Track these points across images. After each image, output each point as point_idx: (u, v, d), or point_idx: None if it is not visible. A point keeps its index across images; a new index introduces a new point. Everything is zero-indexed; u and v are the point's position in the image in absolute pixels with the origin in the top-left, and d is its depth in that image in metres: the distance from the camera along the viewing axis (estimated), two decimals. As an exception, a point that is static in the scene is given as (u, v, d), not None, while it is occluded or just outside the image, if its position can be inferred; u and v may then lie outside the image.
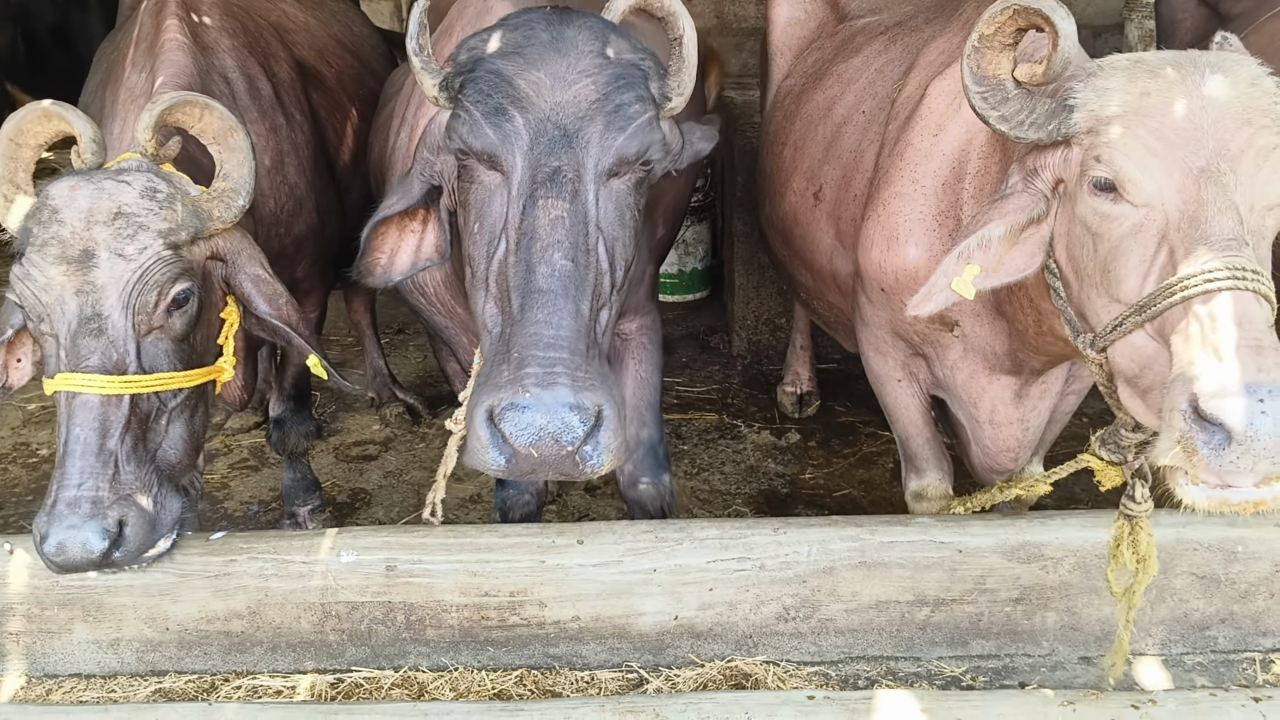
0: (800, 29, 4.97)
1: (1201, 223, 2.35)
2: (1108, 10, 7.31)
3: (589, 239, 2.62)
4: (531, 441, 2.36)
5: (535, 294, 2.49)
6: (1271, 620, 3.52)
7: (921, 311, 2.79)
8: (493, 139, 2.64)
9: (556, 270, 2.51)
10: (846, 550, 3.46)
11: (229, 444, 5.90)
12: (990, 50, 2.65)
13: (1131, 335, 2.46)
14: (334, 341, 7.21)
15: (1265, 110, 2.43)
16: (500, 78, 2.66)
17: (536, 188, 2.59)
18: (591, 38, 2.73)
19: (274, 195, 4.04)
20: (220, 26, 4.10)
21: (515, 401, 2.37)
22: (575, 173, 2.61)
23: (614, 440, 2.46)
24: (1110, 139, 2.48)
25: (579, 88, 2.65)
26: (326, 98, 4.83)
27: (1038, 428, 3.51)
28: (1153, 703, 2.97)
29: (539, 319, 2.46)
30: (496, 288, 2.66)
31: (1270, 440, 2.14)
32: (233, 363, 3.36)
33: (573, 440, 2.37)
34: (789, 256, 4.44)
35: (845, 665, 3.52)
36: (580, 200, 2.61)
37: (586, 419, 2.39)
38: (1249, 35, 4.26)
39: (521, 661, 3.51)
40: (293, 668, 3.51)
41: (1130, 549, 2.86)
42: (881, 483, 5.36)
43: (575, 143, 2.62)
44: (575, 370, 2.43)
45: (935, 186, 3.23)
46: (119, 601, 3.47)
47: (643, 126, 2.70)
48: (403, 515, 5.18)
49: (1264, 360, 2.19)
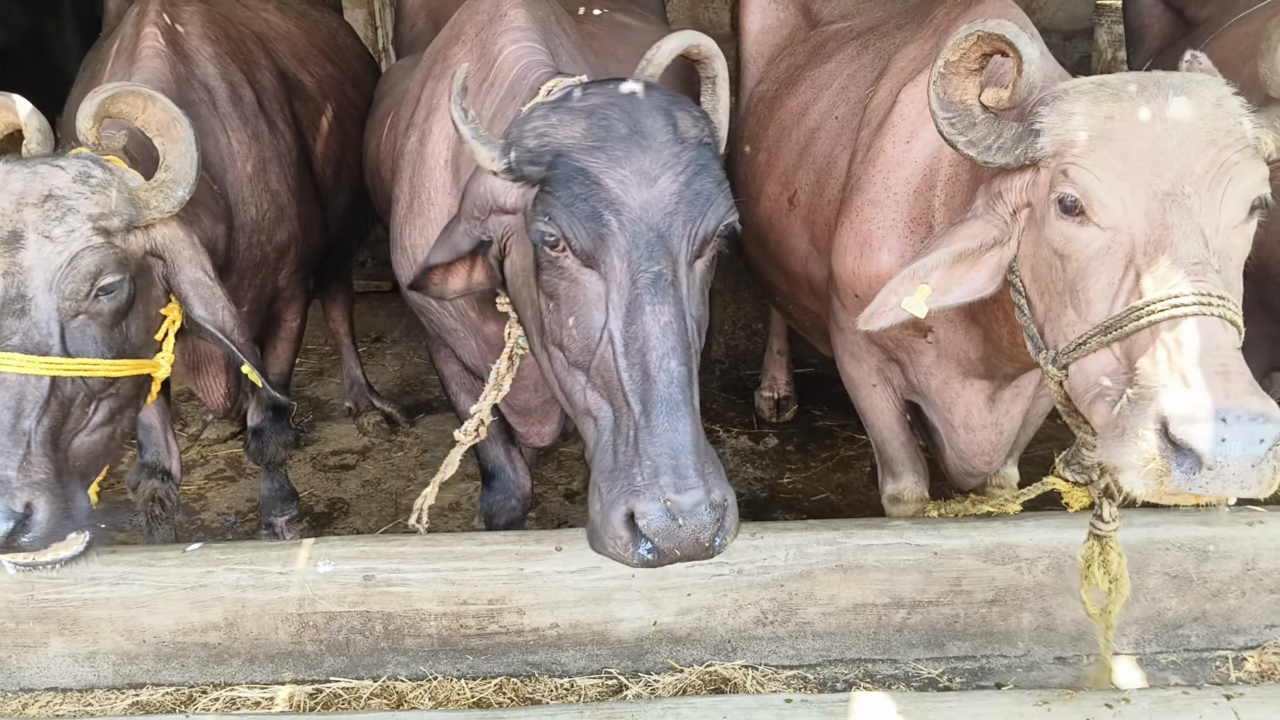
0: (773, 35, 4.99)
1: (1167, 246, 2.38)
2: (1078, 15, 7.37)
3: (689, 330, 2.69)
4: (675, 545, 2.48)
5: (659, 403, 2.57)
6: (1243, 618, 3.57)
7: (870, 327, 2.82)
8: (588, 242, 2.66)
9: (675, 378, 2.59)
10: (823, 554, 3.48)
11: (205, 454, 5.87)
12: (956, 76, 2.67)
13: (1097, 354, 2.50)
14: (311, 350, 7.18)
15: (1229, 131, 2.46)
16: (588, 178, 2.67)
17: (640, 293, 2.63)
18: (664, 120, 2.76)
19: (255, 202, 4.04)
20: (203, 34, 4.11)
21: (659, 510, 2.47)
22: (673, 273, 2.67)
23: (735, 522, 2.59)
24: (1075, 163, 2.52)
25: (664, 182, 2.69)
26: (309, 106, 4.83)
27: (1011, 431, 3.54)
28: (1126, 701, 3.00)
29: (665, 427, 2.54)
30: (600, 377, 2.71)
31: (1239, 465, 2.19)
32: (171, 359, 3.32)
33: (710, 536, 2.49)
34: (764, 262, 4.46)
35: (823, 668, 3.54)
36: (679, 297, 2.68)
37: (719, 514, 2.51)
38: (1214, 41, 4.31)
39: (501, 669, 3.52)
40: (271, 678, 3.50)
41: (1101, 569, 2.89)
42: (859, 486, 5.39)
43: (669, 242, 2.67)
44: (704, 470, 2.53)
45: (907, 193, 3.26)
46: (95, 614, 3.45)
47: (719, 205, 2.75)
48: (381, 524, 5.16)
49: (1232, 386, 2.23)
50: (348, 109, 5.15)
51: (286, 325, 4.58)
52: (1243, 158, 2.45)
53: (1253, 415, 2.19)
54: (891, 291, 2.78)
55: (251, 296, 4.19)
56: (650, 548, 2.50)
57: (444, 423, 6.20)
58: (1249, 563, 3.50)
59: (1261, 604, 3.54)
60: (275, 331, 4.58)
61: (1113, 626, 3.00)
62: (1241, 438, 2.18)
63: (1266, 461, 2.20)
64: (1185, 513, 3.56)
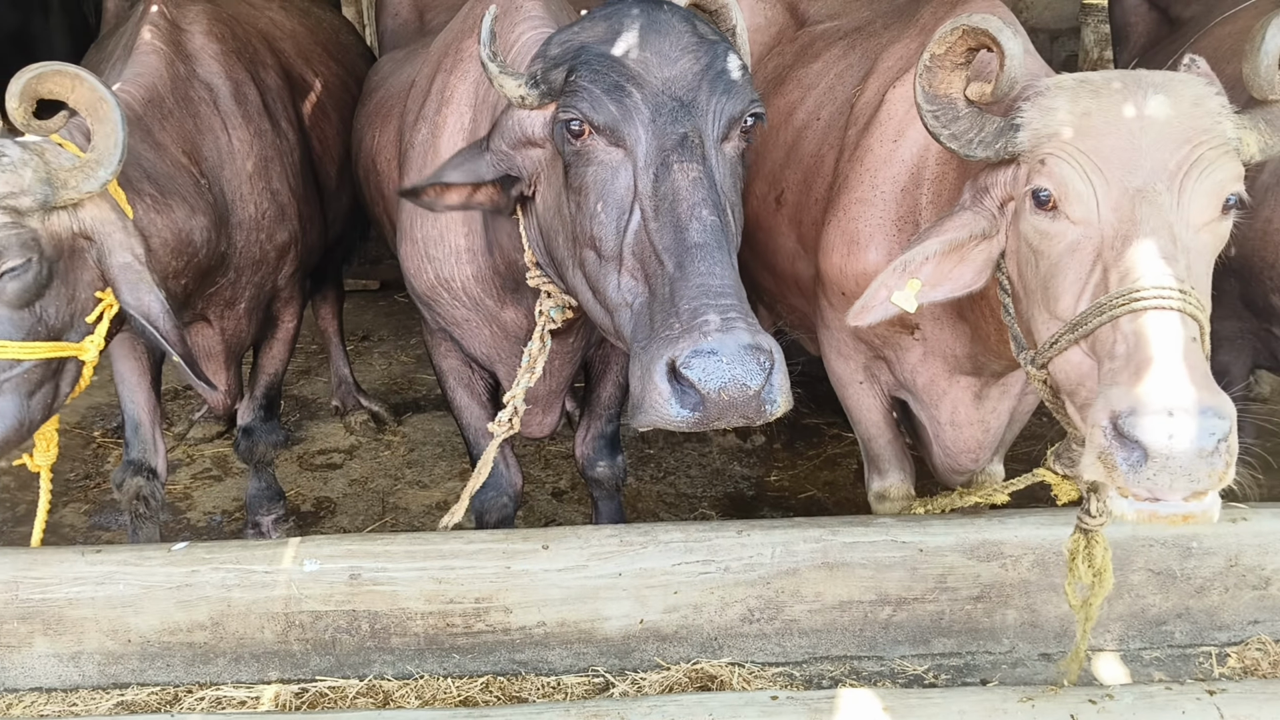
0: (761, 35, 4.99)
1: (1134, 241, 2.39)
2: (1065, 15, 7.41)
3: (721, 200, 2.72)
4: (721, 385, 2.39)
5: (693, 249, 2.56)
6: (1226, 614, 3.58)
7: (860, 322, 2.83)
8: (615, 113, 2.72)
9: (708, 225, 2.60)
10: (810, 551, 3.49)
11: (191, 454, 5.85)
12: (942, 70, 2.69)
13: (1068, 352, 2.51)
14: (298, 349, 7.14)
15: (1206, 130, 2.48)
16: (610, 59, 2.77)
17: (668, 154, 2.68)
18: (682, 19, 2.87)
19: (255, 200, 4.05)
20: (208, 33, 4.13)
21: (699, 348, 2.40)
22: (700, 138, 2.72)
23: (786, 382, 2.51)
24: (1054, 154, 2.53)
25: (684, 63, 2.78)
26: (313, 105, 4.84)
27: (998, 428, 3.55)
28: (1110, 697, 3.02)
29: (702, 270, 2.52)
30: (634, 259, 2.71)
31: (1186, 459, 2.19)
32: (100, 345, 3.27)
33: (758, 382, 2.41)
34: (751, 261, 4.45)
35: (809, 665, 3.55)
36: (709, 164, 2.72)
37: (766, 360, 2.45)
38: (1198, 40, 4.34)
39: (487, 668, 3.52)
40: (257, 678, 3.50)
41: (1086, 562, 2.89)
42: (845, 484, 5.40)
43: (694, 110, 2.74)
44: (746, 316, 2.49)
45: (894, 192, 3.27)
46: (80, 614, 3.44)
47: (744, 88, 2.83)
48: (368, 523, 5.16)
49: (1183, 380, 2.23)
50: (351, 107, 5.15)
51: (283, 326, 4.58)
52: (1218, 156, 2.46)
53: (1202, 409, 2.18)
54: (881, 285, 2.79)
55: (249, 295, 4.19)
56: (696, 400, 2.42)
57: (431, 422, 6.20)
58: (1232, 559, 3.52)
59: (1244, 600, 3.56)
60: (272, 332, 4.58)
61: (1092, 619, 3.01)
62: (1189, 431, 2.17)
63: (1218, 455, 2.19)
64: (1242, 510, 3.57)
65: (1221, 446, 2.19)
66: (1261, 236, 3.78)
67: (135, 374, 4.29)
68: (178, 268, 3.58)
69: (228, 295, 4.09)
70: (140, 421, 4.30)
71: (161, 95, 3.75)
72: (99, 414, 6.31)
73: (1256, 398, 5.99)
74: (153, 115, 3.69)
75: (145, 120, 3.64)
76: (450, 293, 3.74)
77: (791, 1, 4.99)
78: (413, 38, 5.25)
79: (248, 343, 4.38)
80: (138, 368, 4.28)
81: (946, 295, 2.81)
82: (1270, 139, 2.57)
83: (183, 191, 3.60)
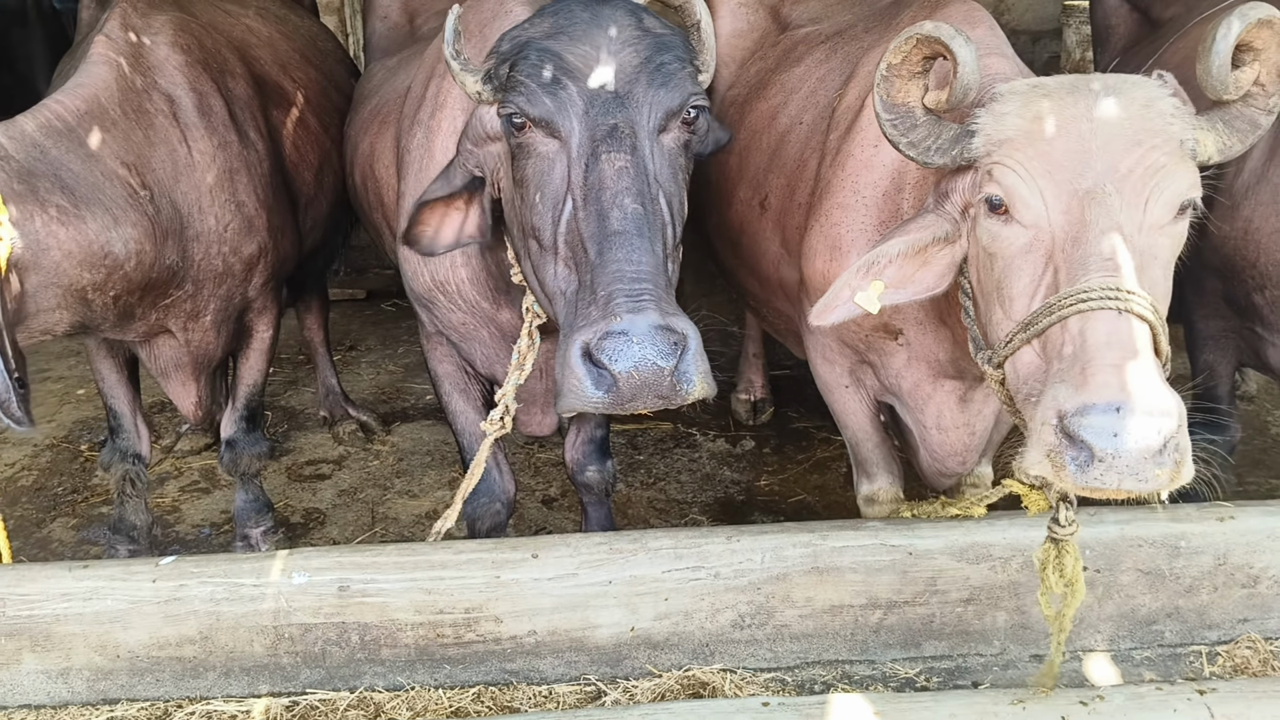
0: (744, 40, 5.01)
1: (1084, 243, 2.41)
2: (1046, 16, 7.45)
3: (652, 189, 2.77)
4: (633, 366, 2.46)
5: (613, 236, 2.62)
6: (1216, 613, 3.59)
7: (823, 322, 2.85)
8: (550, 106, 2.80)
9: (629, 213, 2.65)
10: (799, 556, 3.49)
11: (179, 466, 5.83)
12: (899, 79, 2.71)
13: (1020, 352, 2.53)
14: (285, 360, 7.15)
15: (1158, 131, 2.49)
16: (549, 53, 2.84)
17: (597, 145, 2.74)
18: (627, 13, 2.92)
19: (214, 212, 4.03)
20: (172, 44, 4.10)
21: (610, 329, 2.47)
22: (631, 129, 2.77)
23: (702, 364, 2.56)
24: (1001, 162, 2.55)
25: (624, 55, 2.84)
26: (289, 113, 4.82)
27: (984, 431, 3.56)
28: (1101, 699, 3.02)
29: (619, 257, 2.59)
30: (566, 248, 2.78)
31: (1131, 458, 2.19)
32: None
33: (669, 361, 2.46)
34: (737, 265, 4.47)
35: (801, 670, 3.55)
36: (639, 154, 2.77)
37: (678, 341, 2.50)
38: (1178, 41, 4.36)
39: (478, 678, 3.51)
40: (247, 691, 3.48)
41: (1057, 572, 2.88)
42: (835, 487, 5.41)
43: (627, 102, 2.80)
44: (660, 300, 2.55)
45: (876, 197, 3.28)
46: (68, 630, 3.42)
47: (683, 81, 2.88)
48: (358, 534, 5.14)
49: (1129, 379, 2.24)
50: (330, 114, 5.13)
51: (259, 336, 4.56)
52: (1171, 159, 2.47)
53: (1147, 408, 2.19)
54: (845, 285, 2.81)
55: (215, 307, 4.17)
56: (610, 383, 2.48)
57: (420, 431, 6.19)
58: (1220, 558, 3.53)
59: (1233, 599, 3.57)
60: (247, 343, 4.56)
61: (1066, 630, 2.99)
62: (1134, 430, 2.18)
63: (1165, 454, 2.20)
64: (1156, 509, 3.59)
65: (1170, 445, 2.20)
66: (1243, 236, 3.80)
67: (113, 370, 4.50)
68: (95, 280, 3.54)
69: (188, 308, 4.08)
70: (122, 413, 4.54)
71: (104, 106, 3.72)
72: (85, 428, 6.28)
73: (1243, 396, 6.02)
74: (88, 126, 3.65)
75: (78, 131, 3.61)
76: (447, 295, 3.77)
77: (774, 6, 5.01)
78: (403, 42, 5.25)
79: (219, 354, 4.37)
80: (114, 364, 4.50)
81: (910, 297, 2.84)
82: (1228, 140, 2.58)
83: (106, 203, 3.56)
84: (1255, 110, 2.61)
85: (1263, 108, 2.61)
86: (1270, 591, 3.56)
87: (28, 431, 3.42)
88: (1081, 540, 3.43)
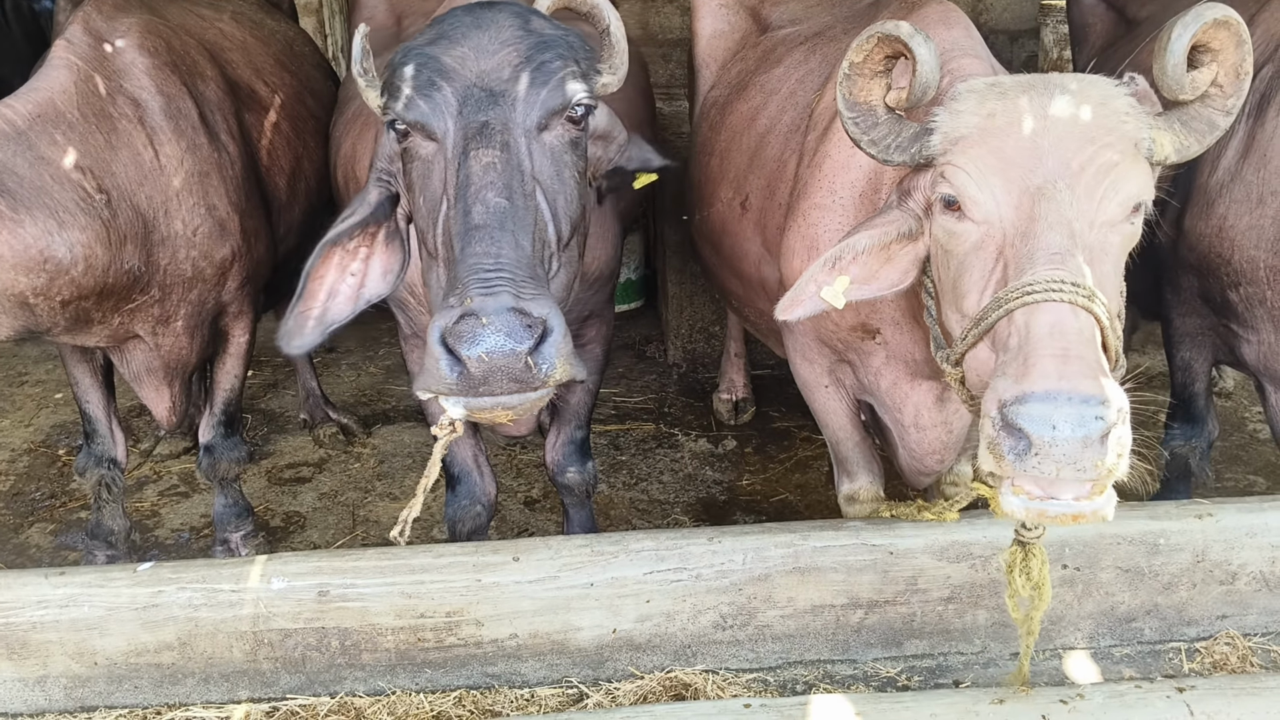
0: (724, 40, 5.01)
1: (1032, 238, 2.42)
2: (1023, 16, 7.46)
3: (525, 185, 2.73)
4: (485, 349, 2.42)
5: (474, 230, 2.60)
6: (1195, 610, 3.62)
7: (789, 316, 2.85)
8: (424, 109, 2.79)
9: (491, 207, 2.63)
10: (781, 556, 3.49)
11: (158, 470, 5.79)
12: (861, 77, 2.72)
13: (976, 348, 2.54)
14: (264, 363, 7.10)
15: (1111, 129, 2.50)
16: (427, 57, 2.83)
17: (468, 143, 2.72)
18: (512, 15, 2.91)
19: (182, 216, 3.99)
20: (139, 47, 4.05)
21: (465, 311, 2.45)
22: (503, 125, 2.75)
23: (565, 347, 2.51)
24: (955, 159, 2.57)
25: (502, 55, 2.82)
26: (263, 117, 4.77)
27: (962, 429, 3.57)
28: (1080, 697, 3.03)
29: (479, 250, 2.57)
30: (443, 248, 2.76)
31: (1068, 446, 2.18)
32: None
33: (524, 345, 2.43)
34: (719, 265, 4.47)
35: (783, 670, 3.55)
36: (512, 151, 2.74)
37: (534, 324, 2.46)
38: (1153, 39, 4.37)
39: (460, 682, 3.50)
40: (226, 698, 3.47)
41: (1023, 575, 2.87)
42: (817, 486, 5.41)
43: (501, 100, 2.78)
44: (518, 286, 2.51)
45: (853, 198, 3.28)
46: (44, 638, 3.40)
47: (564, 79, 2.84)
48: (339, 537, 5.12)
49: (1067, 369, 2.24)
50: (305, 119, 5.09)
51: (234, 340, 4.53)
52: (1125, 158, 2.48)
53: (1084, 398, 2.18)
54: (810, 279, 2.82)
55: (187, 312, 4.14)
56: (461, 370, 2.45)
57: (401, 433, 6.17)
58: (1199, 555, 3.56)
59: (1212, 595, 3.60)
60: (224, 348, 4.53)
61: (1034, 633, 2.98)
62: (1071, 419, 2.17)
63: (1104, 445, 2.19)
64: (1135, 506, 3.61)
65: (1111, 436, 2.19)
66: (1217, 233, 3.83)
67: (87, 375, 4.49)
68: (36, 285, 3.50)
69: (156, 312, 4.04)
70: (96, 417, 4.53)
71: (60, 110, 3.68)
72: (64, 432, 6.24)
73: (1220, 393, 6.06)
74: (41, 129, 3.61)
75: (29, 134, 3.57)
76: (415, 298, 3.76)
77: (755, 7, 5.01)
78: (389, 43, 5.20)
79: (193, 360, 4.34)
80: (89, 368, 4.49)
81: (874, 294, 2.85)
82: (1185, 140, 2.59)
83: (52, 206, 3.52)
84: (1213, 111, 2.62)
85: (1220, 108, 2.62)
86: (1248, 588, 3.59)
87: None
88: (1061, 538, 3.46)
